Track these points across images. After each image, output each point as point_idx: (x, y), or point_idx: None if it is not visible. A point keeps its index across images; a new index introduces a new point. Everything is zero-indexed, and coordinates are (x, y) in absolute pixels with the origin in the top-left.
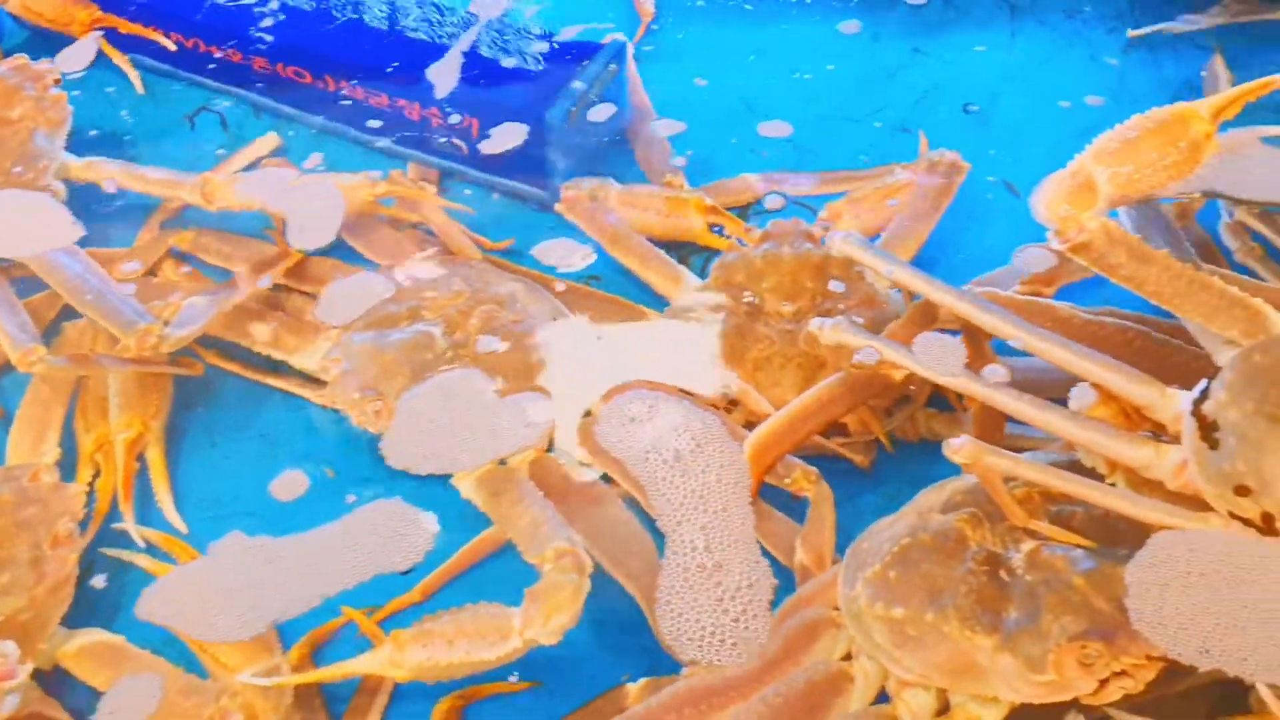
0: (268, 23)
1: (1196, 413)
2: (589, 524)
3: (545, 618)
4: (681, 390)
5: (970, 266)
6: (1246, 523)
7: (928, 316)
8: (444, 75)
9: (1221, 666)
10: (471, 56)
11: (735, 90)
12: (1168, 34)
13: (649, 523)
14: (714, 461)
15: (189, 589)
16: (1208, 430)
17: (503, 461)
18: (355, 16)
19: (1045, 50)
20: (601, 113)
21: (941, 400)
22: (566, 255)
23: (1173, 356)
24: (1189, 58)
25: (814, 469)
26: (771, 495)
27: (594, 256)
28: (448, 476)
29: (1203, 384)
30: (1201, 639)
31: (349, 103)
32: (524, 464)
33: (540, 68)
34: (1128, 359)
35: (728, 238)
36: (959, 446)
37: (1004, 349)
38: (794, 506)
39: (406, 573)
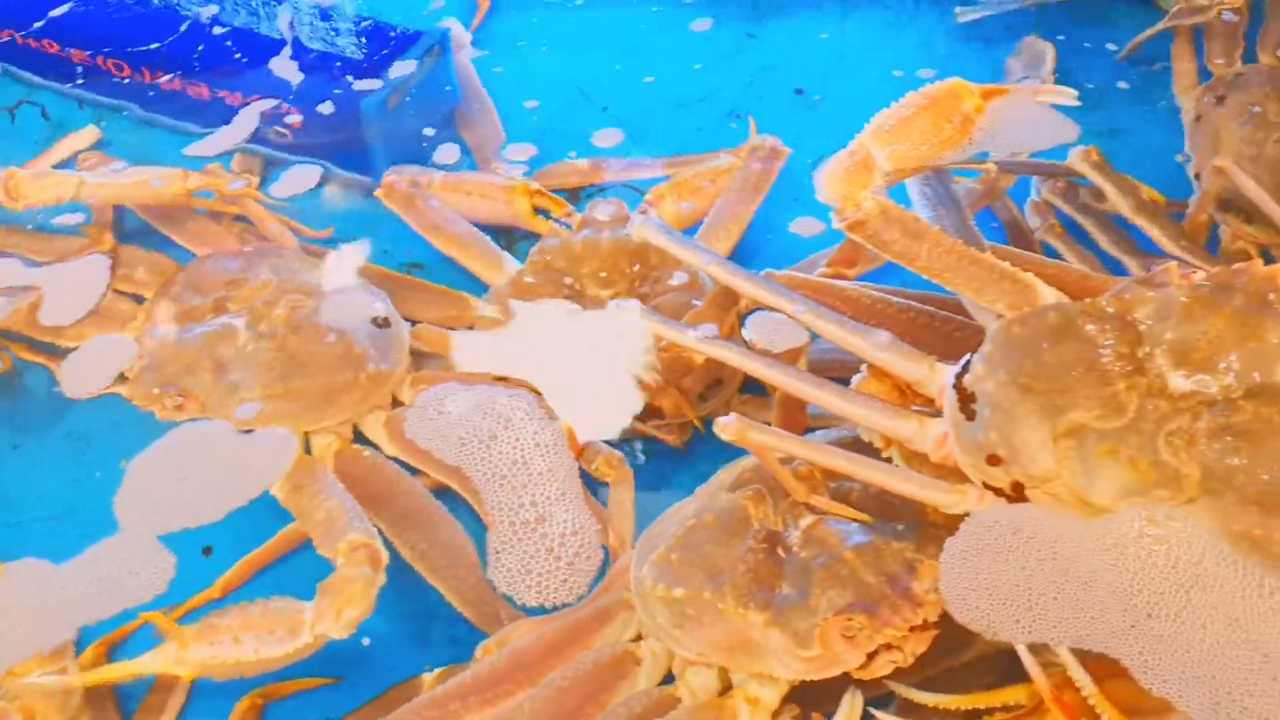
0: (84, 14)
1: (958, 385)
2: (393, 516)
3: (337, 611)
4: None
5: (793, 248)
6: (998, 492)
7: (729, 299)
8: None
9: (1037, 639)
10: (294, 46)
11: (571, 77)
12: (998, 14)
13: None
14: (530, 430)
15: None
16: (966, 402)
17: (308, 451)
18: (173, 7)
19: (877, 31)
20: (424, 100)
21: (758, 385)
22: (355, 311)
23: (955, 333)
24: (1018, 37)
25: (617, 454)
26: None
27: (385, 307)
28: None
29: (966, 357)
30: (1014, 614)
31: (168, 94)
32: (329, 456)
33: (360, 56)
34: (911, 335)
35: (559, 223)
36: (726, 424)
37: None
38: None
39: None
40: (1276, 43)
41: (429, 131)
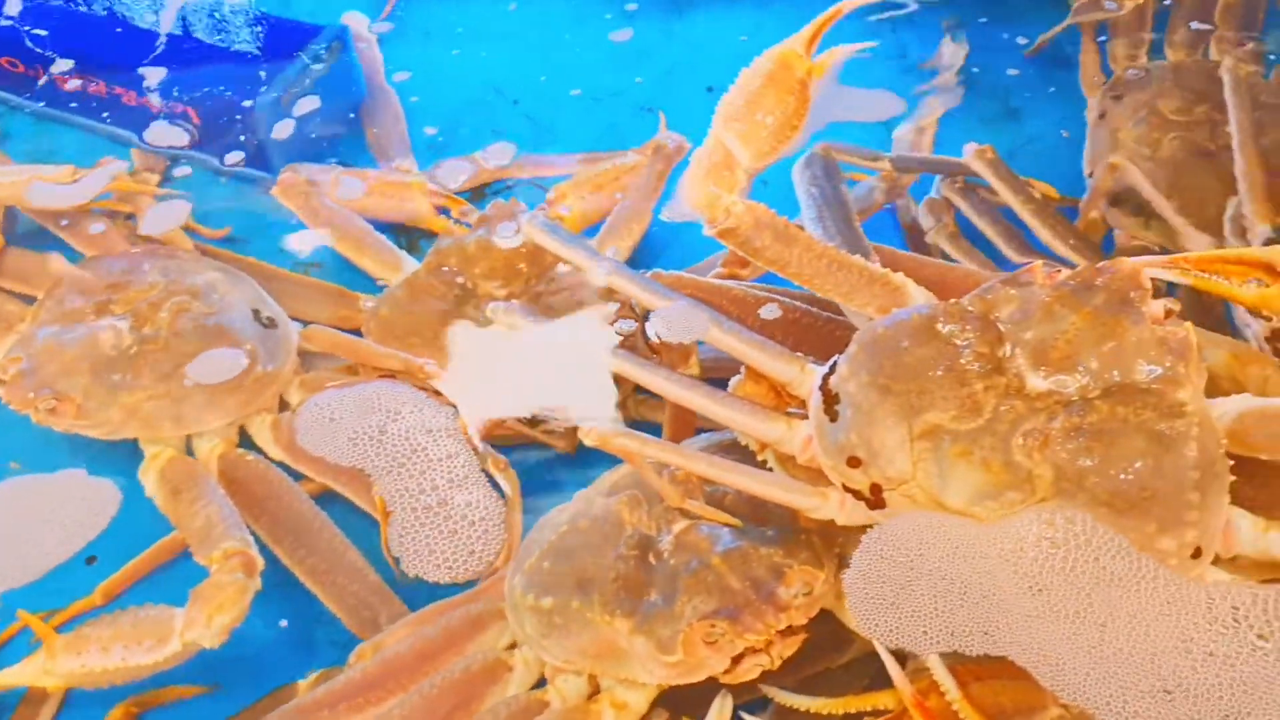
0: None
1: (824, 387)
2: (275, 521)
3: (207, 618)
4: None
5: (699, 246)
6: (857, 495)
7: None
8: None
9: (945, 649)
10: (189, 42)
11: (482, 71)
12: (909, 12)
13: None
14: (420, 418)
15: None
16: (830, 403)
17: (190, 453)
18: (70, 4)
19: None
20: (324, 96)
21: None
22: (221, 369)
23: (837, 333)
24: (929, 32)
25: (503, 458)
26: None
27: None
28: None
29: (834, 359)
30: (921, 625)
31: (67, 92)
32: (213, 459)
33: (257, 52)
34: (795, 336)
35: (458, 222)
36: (589, 429)
37: None
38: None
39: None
40: (1183, 40)
41: (330, 129)
